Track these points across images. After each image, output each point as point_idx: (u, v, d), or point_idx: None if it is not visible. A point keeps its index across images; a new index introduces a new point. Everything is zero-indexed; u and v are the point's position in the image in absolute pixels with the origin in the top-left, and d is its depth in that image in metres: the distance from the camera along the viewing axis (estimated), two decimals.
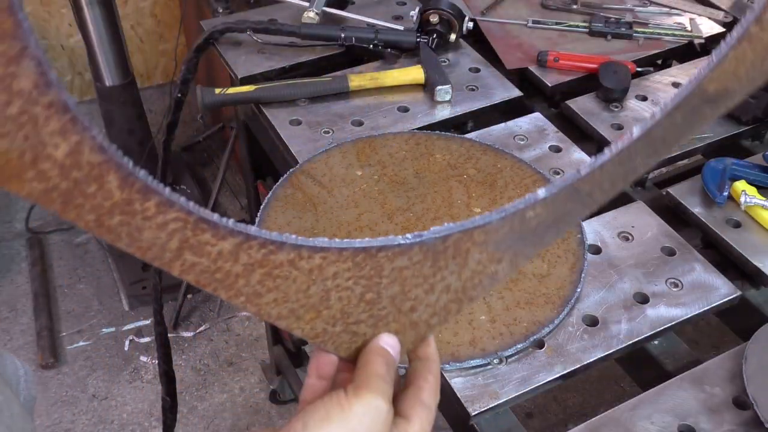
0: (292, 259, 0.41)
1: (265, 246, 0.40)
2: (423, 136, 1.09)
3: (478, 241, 0.44)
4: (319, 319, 0.45)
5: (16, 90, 0.31)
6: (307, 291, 0.43)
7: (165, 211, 0.36)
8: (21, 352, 2.12)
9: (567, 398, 1.99)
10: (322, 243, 0.41)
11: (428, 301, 0.46)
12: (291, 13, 1.33)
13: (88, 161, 0.33)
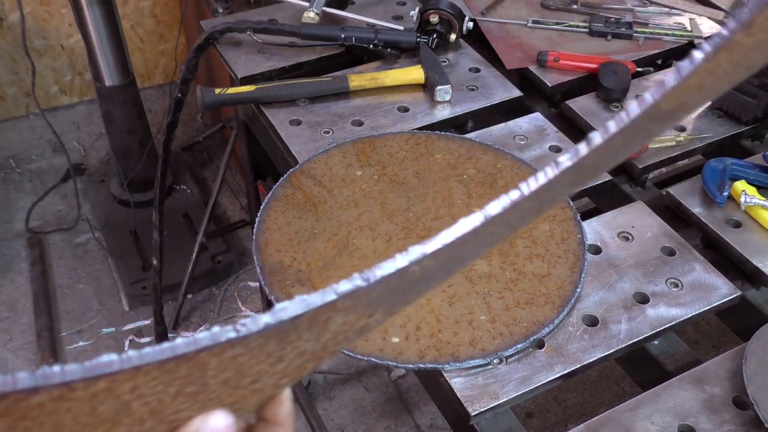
0: (59, 396, 0.32)
1: (3, 398, 0.31)
2: (423, 136, 1.09)
3: (342, 308, 0.38)
4: (119, 427, 0.37)
5: None
6: (93, 413, 0.35)
7: None
8: (21, 352, 2.12)
9: (567, 398, 1.99)
10: (109, 363, 0.33)
11: (275, 370, 0.40)
12: (291, 13, 1.33)
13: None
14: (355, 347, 0.81)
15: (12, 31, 2.65)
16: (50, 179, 2.63)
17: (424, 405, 2.03)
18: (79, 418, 0.34)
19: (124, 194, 2.38)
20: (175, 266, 2.23)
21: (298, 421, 1.98)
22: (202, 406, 0.39)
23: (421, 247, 0.37)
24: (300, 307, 0.36)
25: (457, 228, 0.38)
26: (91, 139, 2.82)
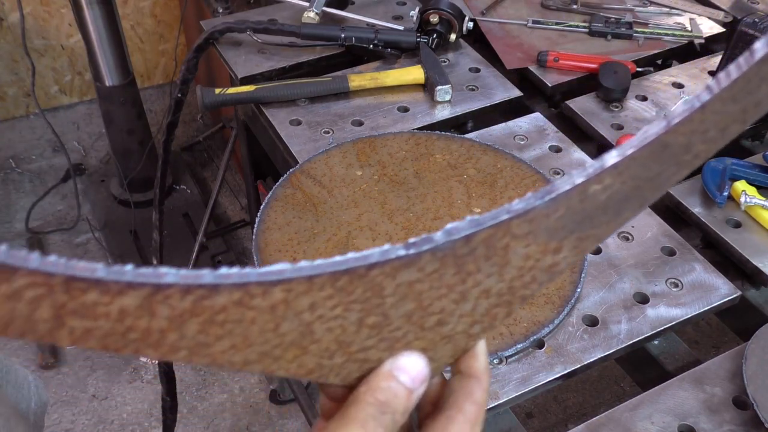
0: (239, 300, 0.32)
1: (190, 292, 0.31)
2: (423, 136, 1.09)
3: (520, 234, 0.35)
4: (308, 356, 0.36)
5: None
6: (277, 330, 0.34)
7: (6, 278, 0.28)
8: (21, 352, 2.12)
9: (567, 398, 1.99)
10: (280, 271, 0.32)
11: (462, 311, 0.37)
12: (291, 13, 1.33)
13: None
14: None
15: (12, 31, 2.65)
16: (50, 179, 2.63)
17: None
18: (265, 334, 0.34)
19: (124, 194, 2.38)
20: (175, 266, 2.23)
21: (298, 421, 1.98)
22: (389, 346, 0.37)
23: (599, 161, 0.33)
24: (471, 226, 0.34)
25: (639, 138, 0.33)
26: (91, 139, 2.82)
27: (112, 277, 0.29)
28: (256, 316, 0.33)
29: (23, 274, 0.28)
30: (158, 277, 0.30)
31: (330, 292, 0.33)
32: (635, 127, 1.13)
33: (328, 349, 0.36)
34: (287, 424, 1.99)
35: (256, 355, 0.35)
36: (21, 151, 2.77)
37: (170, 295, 0.31)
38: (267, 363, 0.35)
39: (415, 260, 0.34)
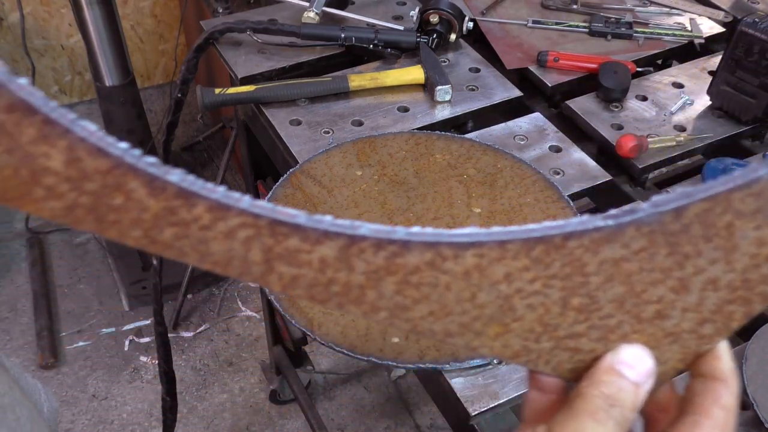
0: (431, 261, 0.32)
1: (382, 247, 0.31)
2: (423, 136, 1.09)
3: (745, 211, 0.30)
4: (510, 335, 0.34)
5: None
6: (474, 300, 0.33)
7: (222, 216, 0.30)
8: (21, 352, 2.12)
9: None
10: (469, 234, 0.31)
11: (685, 303, 0.34)
12: (291, 13, 1.33)
13: (95, 168, 0.28)
14: (355, 347, 0.81)
15: (12, 31, 2.65)
16: None
17: (424, 405, 2.03)
18: (462, 304, 0.33)
19: None
20: (175, 266, 2.23)
21: (298, 421, 1.98)
22: (602, 336, 0.35)
23: None
24: (681, 197, 0.30)
25: None
26: None
27: (311, 224, 0.31)
28: (450, 282, 0.32)
29: (235, 213, 0.30)
30: (353, 229, 0.31)
31: (525, 262, 0.32)
32: (635, 127, 1.13)
33: (532, 331, 0.34)
34: (287, 424, 1.99)
35: (456, 326, 0.34)
36: None
37: (364, 249, 0.31)
38: (469, 337, 0.34)
39: (617, 234, 0.31)
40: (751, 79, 1.09)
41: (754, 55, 1.07)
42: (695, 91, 1.20)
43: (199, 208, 0.30)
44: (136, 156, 0.29)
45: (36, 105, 0.27)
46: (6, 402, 0.58)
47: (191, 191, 0.30)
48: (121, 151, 0.29)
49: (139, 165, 0.29)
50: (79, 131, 0.28)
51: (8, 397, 0.58)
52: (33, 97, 0.27)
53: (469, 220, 0.96)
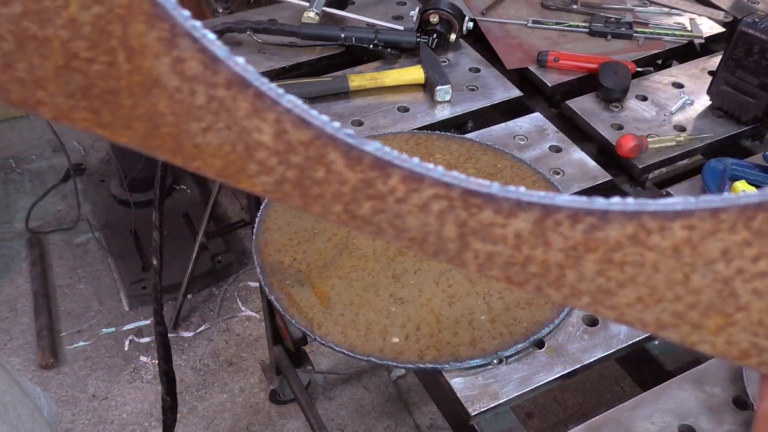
0: (633, 234, 0.28)
1: (579, 219, 0.28)
2: (423, 136, 1.09)
3: None
4: (735, 328, 0.29)
5: (190, 76, 0.28)
6: (688, 284, 0.29)
7: (416, 187, 0.29)
8: (21, 352, 2.12)
9: (567, 398, 1.99)
10: (675, 202, 0.28)
11: None
12: (291, 13, 1.33)
13: (299, 140, 0.29)
14: (355, 347, 0.81)
15: None
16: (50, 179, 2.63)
17: (424, 405, 2.03)
18: (675, 288, 0.29)
19: (124, 194, 2.38)
20: (175, 266, 2.23)
21: (298, 421, 1.98)
22: None
23: None
24: None
25: None
26: (91, 139, 2.82)
27: (504, 194, 0.29)
28: (657, 260, 0.29)
29: (429, 183, 0.29)
30: (549, 199, 0.29)
31: (745, 236, 0.27)
32: (635, 127, 1.13)
33: (762, 324, 0.29)
34: (287, 424, 1.99)
35: (669, 315, 0.30)
36: (21, 151, 2.77)
37: (560, 222, 0.29)
38: (685, 331, 0.30)
39: None
40: (751, 79, 1.09)
41: (754, 55, 1.07)
42: (695, 91, 1.20)
43: (394, 178, 0.29)
44: (336, 127, 0.29)
45: (249, 79, 0.28)
46: (7, 399, 0.58)
47: (386, 161, 0.29)
48: (321, 122, 0.29)
49: (337, 135, 0.29)
50: (285, 103, 0.28)
51: (9, 395, 0.58)
52: (247, 72, 0.27)
53: None
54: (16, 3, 0.26)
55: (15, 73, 0.28)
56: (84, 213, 2.48)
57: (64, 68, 0.28)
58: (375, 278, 0.88)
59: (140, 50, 0.27)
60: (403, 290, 0.87)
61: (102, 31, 0.27)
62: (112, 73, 0.28)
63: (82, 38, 0.27)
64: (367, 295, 0.86)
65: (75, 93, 0.28)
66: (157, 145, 0.30)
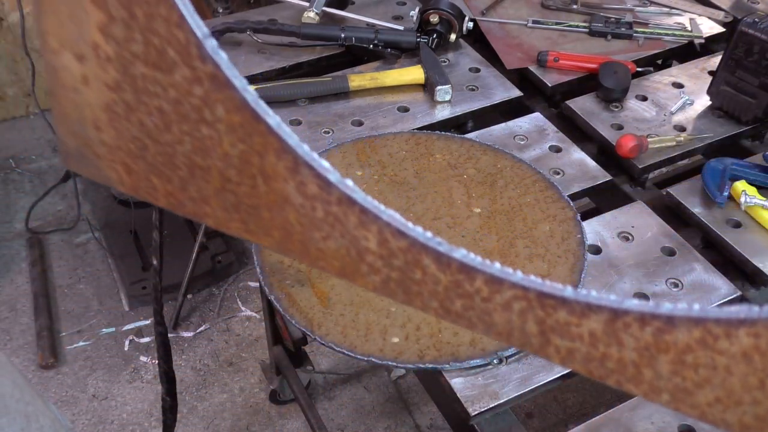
0: (701, 339, 0.29)
1: (647, 322, 0.30)
2: (423, 136, 1.09)
3: None
4: None
5: (310, 195, 0.33)
6: (765, 389, 0.29)
7: (497, 289, 0.32)
8: (21, 352, 2.12)
9: (567, 398, 1.99)
10: (738, 310, 0.28)
11: None
12: (291, 13, 1.33)
13: (398, 247, 0.33)
14: (355, 347, 0.81)
15: (12, 31, 2.65)
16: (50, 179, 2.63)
17: (424, 405, 2.03)
18: (751, 391, 0.29)
19: (124, 194, 2.38)
20: (175, 266, 2.23)
21: (298, 421, 1.98)
22: None
23: None
24: None
25: None
26: None
27: (575, 297, 0.31)
28: (729, 364, 0.29)
29: (508, 286, 0.32)
30: (617, 303, 0.30)
31: None
32: (635, 127, 1.13)
33: None
34: (287, 424, 1.99)
35: (751, 418, 0.30)
36: (21, 151, 2.77)
37: (629, 324, 0.30)
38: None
39: None
40: (751, 79, 1.09)
41: (754, 55, 1.07)
42: (695, 91, 1.20)
43: (479, 281, 0.32)
44: (428, 237, 0.33)
45: (354, 198, 0.32)
46: (30, 411, 0.58)
47: (471, 266, 0.32)
48: (416, 233, 0.33)
49: (429, 244, 0.33)
50: (385, 217, 0.33)
51: (32, 407, 0.59)
52: (354, 193, 0.32)
53: (469, 220, 0.96)
54: (187, 142, 0.34)
55: (189, 193, 0.36)
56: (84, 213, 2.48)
57: (221, 189, 0.35)
58: None
59: (273, 176, 0.34)
60: None
61: (245, 161, 0.34)
62: (254, 193, 0.35)
63: (232, 167, 0.34)
64: (367, 295, 0.86)
65: (230, 208, 0.36)
66: (290, 249, 0.36)
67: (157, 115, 0.34)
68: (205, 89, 0.32)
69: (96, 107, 0.37)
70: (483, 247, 0.92)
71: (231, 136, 0.33)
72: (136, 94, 0.34)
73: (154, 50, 0.33)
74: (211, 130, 0.33)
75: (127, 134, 0.36)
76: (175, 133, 0.34)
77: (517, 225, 0.95)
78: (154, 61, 0.33)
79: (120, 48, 0.33)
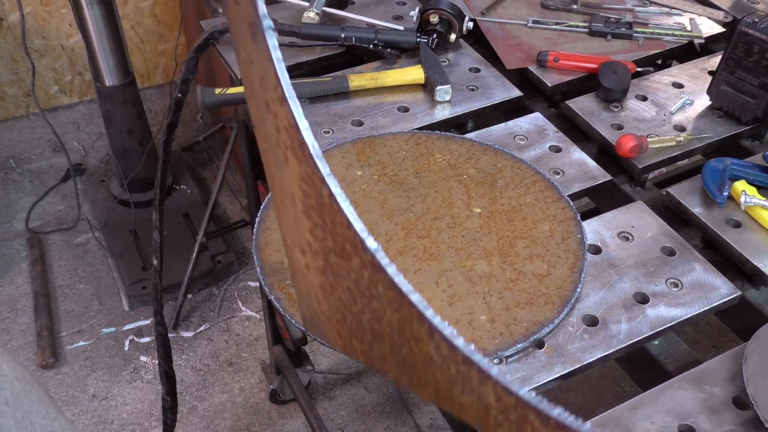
0: None
1: None
2: (423, 136, 1.09)
3: None
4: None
5: (444, 355, 0.39)
6: None
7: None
8: (21, 352, 2.12)
9: (567, 398, 1.99)
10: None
11: None
12: (291, 13, 1.33)
13: (510, 403, 0.37)
14: None
15: (12, 31, 2.65)
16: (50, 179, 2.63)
17: (424, 405, 2.03)
18: None
19: (124, 194, 2.38)
20: (175, 266, 2.23)
21: (298, 421, 1.98)
22: None
23: None
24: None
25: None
26: (91, 139, 2.82)
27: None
28: None
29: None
30: None
31: None
32: (635, 127, 1.13)
33: None
34: (287, 424, 1.99)
35: None
36: (21, 151, 2.77)
37: None
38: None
39: None
40: (751, 79, 1.09)
41: (754, 55, 1.07)
42: (695, 91, 1.20)
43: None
44: (531, 396, 0.37)
45: (473, 358, 0.37)
46: (56, 426, 0.59)
47: (566, 423, 0.36)
48: (521, 391, 0.37)
49: (531, 401, 0.36)
50: (495, 375, 0.37)
51: (58, 422, 0.60)
52: (473, 354, 0.37)
53: (469, 220, 0.96)
54: (367, 312, 0.44)
55: (374, 353, 0.46)
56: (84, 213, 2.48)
57: (392, 350, 0.44)
58: None
59: (419, 339, 0.40)
60: None
61: (402, 328, 0.41)
62: (411, 353, 0.42)
63: (395, 332, 0.42)
64: None
65: (400, 365, 0.44)
66: (443, 402, 0.42)
67: (347, 292, 0.45)
68: (369, 272, 0.41)
69: (315, 286, 0.49)
70: (483, 247, 0.92)
71: (390, 307, 0.41)
72: (334, 276, 0.45)
73: (339, 245, 0.43)
74: (379, 303, 0.42)
75: (334, 306, 0.47)
76: (359, 306, 0.44)
77: (517, 225, 0.95)
78: (340, 252, 0.43)
79: (321, 244, 0.44)
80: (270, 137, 0.47)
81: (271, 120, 0.47)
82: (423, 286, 0.87)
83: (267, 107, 0.46)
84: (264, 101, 0.45)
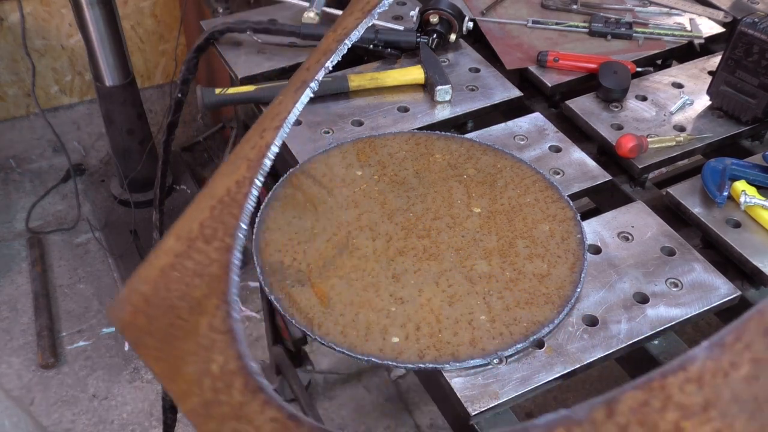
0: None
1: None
2: (423, 136, 1.09)
3: (690, 405, 0.27)
4: None
5: None
6: None
7: None
8: (21, 352, 2.12)
9: (567, 398, 1.99)
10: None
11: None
12: (291, 13, 1.33)
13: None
14: (355, 347, 0.81)
15: (12, 31, 2.65)
16: (50, 179, 2.63)
17: (424, 405, 2.03)
18: None
19: (124, 194, 2.38)
20: None
21: None
22: None
23: None
24: (615, 391, 0.27)
25: None
26: (91, 139, 2.82)
27: None
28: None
29: None
30: None
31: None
32: (635, 127, 1.13)
33: None
34: None
35: None
36: (21, 151, 2.77)
37: None
38: None
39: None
40: (751, 79, 1.09)
41: (754, 55, 1.07)
42: (695, 91, 1.20)
43: None
44: None
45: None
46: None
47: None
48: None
49: None
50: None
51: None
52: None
53: (469, 220, 0.96)
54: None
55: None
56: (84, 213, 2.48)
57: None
58: (375, 278, 0.88)
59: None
60: (403, 290, 0.87)
61: None
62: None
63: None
64: (367, 295, 0.86)
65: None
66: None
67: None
68: None
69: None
70: (483, 247, 0.92)
71: None
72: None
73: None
74: None
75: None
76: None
77: (517, 225, 0.95)
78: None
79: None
80: None
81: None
82: (423, 286, 0.87)
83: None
84: None
